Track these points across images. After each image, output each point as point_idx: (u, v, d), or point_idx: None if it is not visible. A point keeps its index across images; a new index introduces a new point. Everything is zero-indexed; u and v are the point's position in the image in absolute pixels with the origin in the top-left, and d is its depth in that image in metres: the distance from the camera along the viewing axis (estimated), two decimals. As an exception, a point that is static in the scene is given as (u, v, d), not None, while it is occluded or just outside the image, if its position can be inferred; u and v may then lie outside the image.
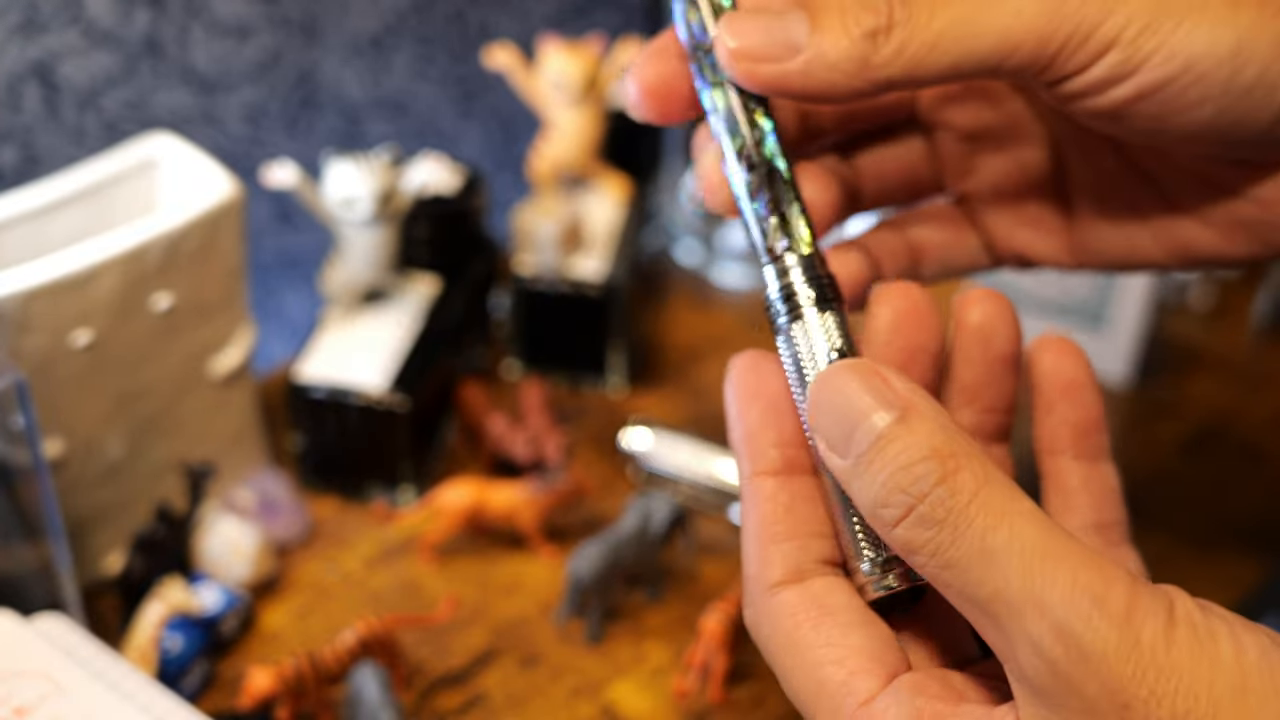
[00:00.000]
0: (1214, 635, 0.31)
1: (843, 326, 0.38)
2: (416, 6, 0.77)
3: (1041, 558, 0.31)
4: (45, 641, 0.47)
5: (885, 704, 0.34)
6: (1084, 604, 0.31)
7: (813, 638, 0.36)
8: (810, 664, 0.36)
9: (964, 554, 0.32)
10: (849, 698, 0.35)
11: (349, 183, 0.61)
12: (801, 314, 0.38)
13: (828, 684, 0.35)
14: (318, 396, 0.63)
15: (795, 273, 0.39)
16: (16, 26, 0.62)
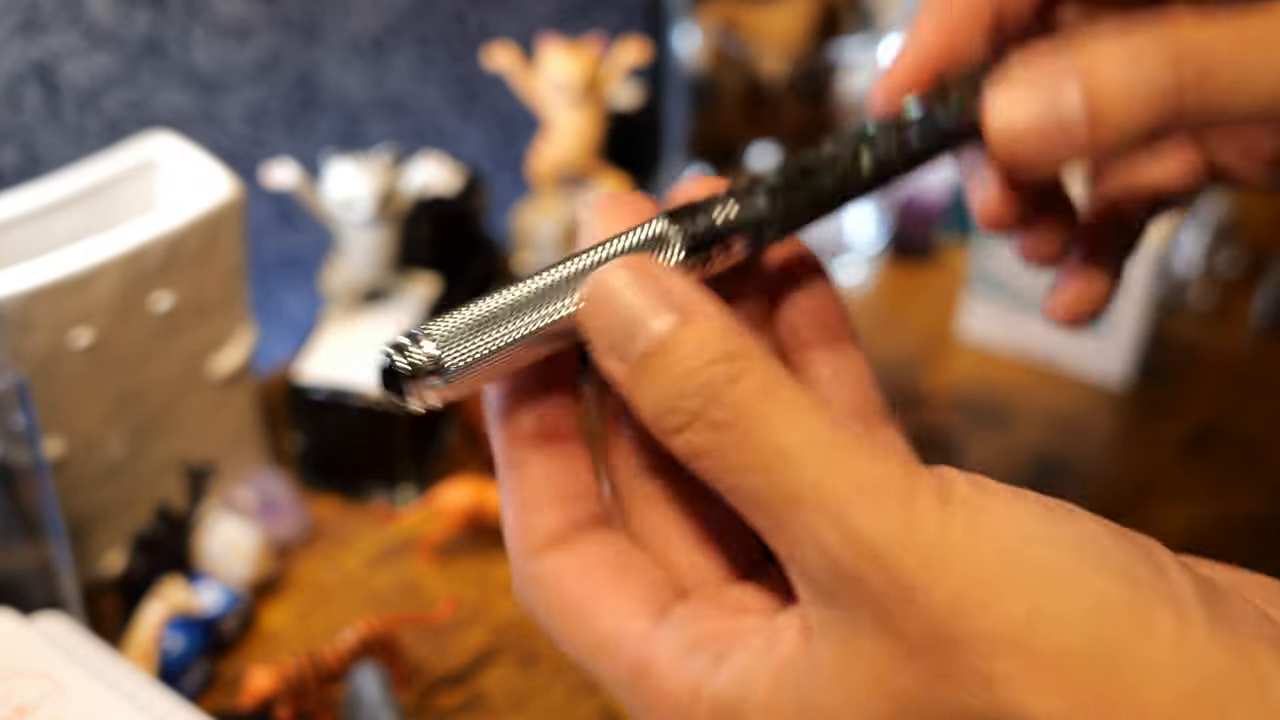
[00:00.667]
0: (987, 511, 0.30)
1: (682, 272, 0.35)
2: (417, 6, 0.77)
3: (824, 453, 0.31)
4: (46, 641, 0.47)
5: (661, 638, 0.33)
6: (864, 496, 0.30)
7: (580, 594, 0.35)
8: (582, 622, 0.35)
9: (752, 456, 0.31)
10: (624, 643, 0.34)
11: (349, 183, 0.62)
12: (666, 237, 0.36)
13: (603, 636, 0.34)
14: (318, 397, 0.63)
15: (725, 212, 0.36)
16: (17, 27, 0.62)
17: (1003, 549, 0.30)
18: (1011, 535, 0.30)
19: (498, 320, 0.35)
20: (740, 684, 0.32)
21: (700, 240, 0.36)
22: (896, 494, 0.31)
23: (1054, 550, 0.30)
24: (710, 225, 0.36)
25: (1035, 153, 0.37)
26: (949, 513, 0.31)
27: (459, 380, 0.34)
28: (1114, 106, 0.36)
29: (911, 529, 0.30)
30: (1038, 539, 0.30)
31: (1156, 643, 0.29)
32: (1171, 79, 0.36)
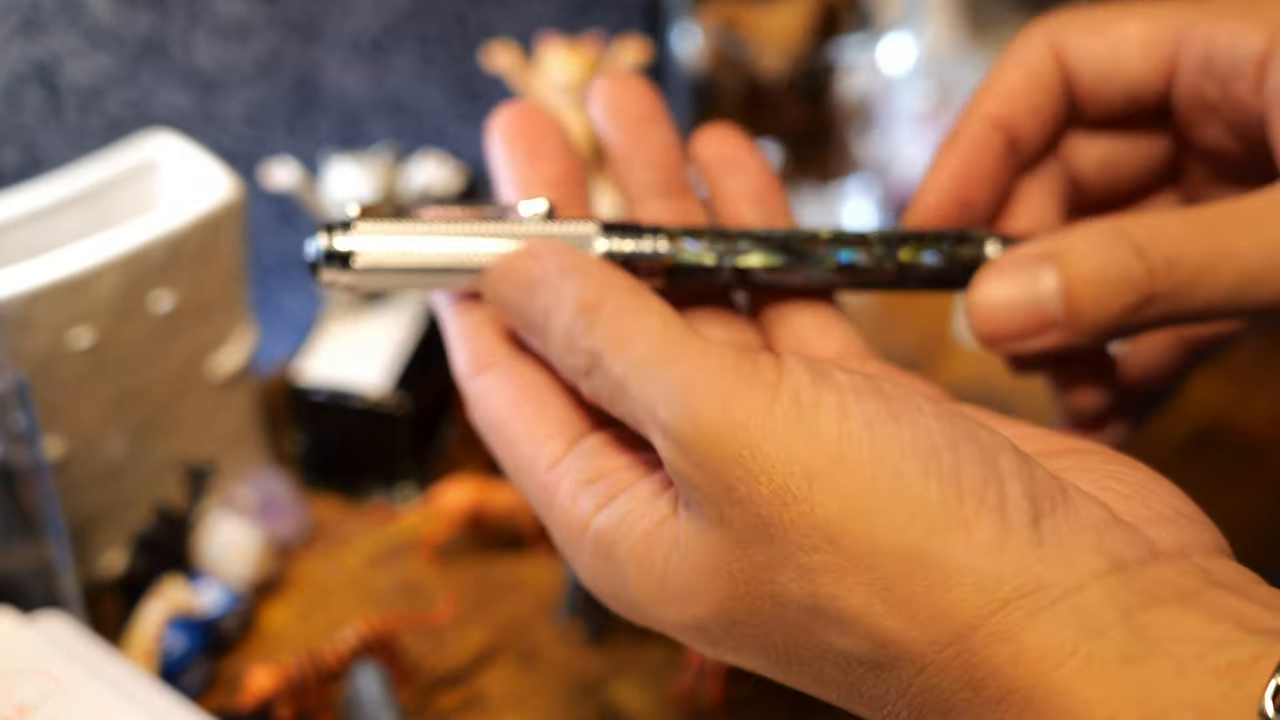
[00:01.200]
0: (818, 406, 0.32)
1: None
2: (417, 6, 0.77)
3: (649, 367, 0.33)
4: (46, 640, 0.47)
5: (566, 465, 0.37)
6: (683, 397, 0.32)
7: (506, 415, 0.38)
8: (508, 440, 0.38)
9: (609, 389, 0.34)
10: (537, 464, 0.37)
11: (349, 182, 0.62)
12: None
13: (522, 456, 0.38)
14: (318, 397, 0.63)
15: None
16: (17, 27, 0.62)
17: (824, 446, 0.31)
18: (837, 432, 0.31)
19: (418, 254, 0.39)
20: (618, 526, 0.35)
21: (621, 259, 0.39)
22: (716, 392, 0.32)
23: (879, 449, 0.31)
24: (632, 253, 0.39)
25: (1012, 333, 0.39)
26: (771, 408, 0.32)
27: (361, 280, 0.39)
28: (1087, 292, 0.38)
29: (729, 426, 0.32)
30: (864, 437, 0.31)
31: (972, 549, 0.30)
32: (1140, 267, 0.37)
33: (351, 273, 0.39)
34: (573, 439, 0.37)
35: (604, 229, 0.40)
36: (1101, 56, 0.42)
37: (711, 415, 0.32)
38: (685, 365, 0.33)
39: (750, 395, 0.32)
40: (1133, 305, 0.37)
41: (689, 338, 0.34)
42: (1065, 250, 0.38)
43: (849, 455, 0.31)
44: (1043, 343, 0.39)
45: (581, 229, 0.40)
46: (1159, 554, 0.30)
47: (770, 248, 0.40)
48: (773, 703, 0.57)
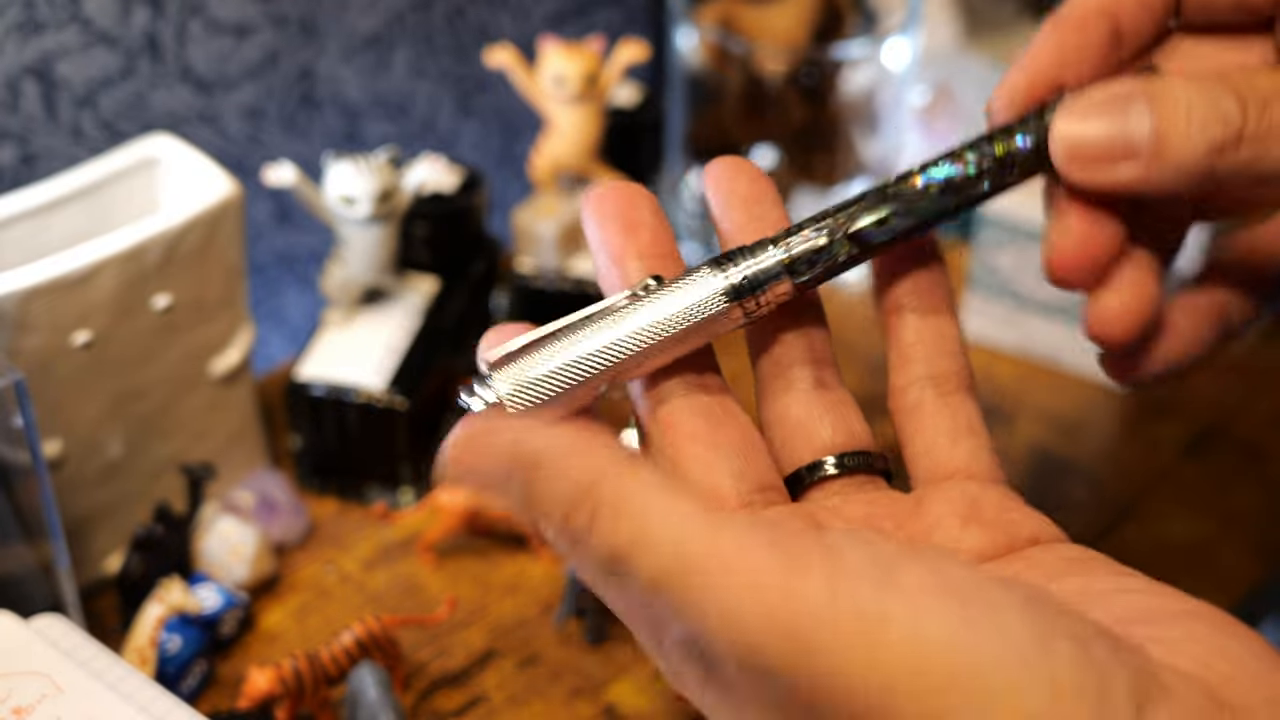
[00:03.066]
0: (886, 620, 0.29)
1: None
2: (416, 6, 0.77)
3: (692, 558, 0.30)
4: (44, 642, 0.47)
5: None
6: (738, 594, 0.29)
7: None
8: None
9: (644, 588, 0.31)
10: None
11: (349, 182, 0.61)
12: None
13: None
14: (317, 394, 0.63)
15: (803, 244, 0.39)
16: (15, 25, 0.62)
17: (901, 661, 0.29)
18: (912, 648, 0.29)
19: (561, 375, 0.39)
20: None
21: (747, 284, 0.38)
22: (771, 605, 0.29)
23: (961, 663, 0.29)
24: (755, 274, 0.38)
25: (1093, 154, 0.37)
26: (834, 595, 0.29)
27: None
28: (1178, 130, 0.36)
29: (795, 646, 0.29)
30: (942, 654, 0.29)
31: None
32: (1234, 104, 0.36)
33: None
34: None
35: (714, 264, 0.39)
36: None
37: (773, 636, 0.29)
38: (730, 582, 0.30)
39: (805, 578, 0.29)
40: (1220, 143, 0.36)
41: (713, 526, 0.31)
42: (1159, 84, 0.37)
43: (931, 668, 0.29)
44: (1124, 174, 0.37)
45: (697, 277, 0.39)
46: None
47: (872, 203, 0.39)
48: (773, 704, 0.57)
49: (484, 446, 0.33)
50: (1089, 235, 0.38)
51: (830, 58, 0.78)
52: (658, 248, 0.40)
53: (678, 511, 0.31)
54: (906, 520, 0.39)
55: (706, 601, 0.30)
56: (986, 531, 0.38)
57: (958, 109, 0.84)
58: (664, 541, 0.30)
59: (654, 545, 0.31)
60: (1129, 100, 0.37)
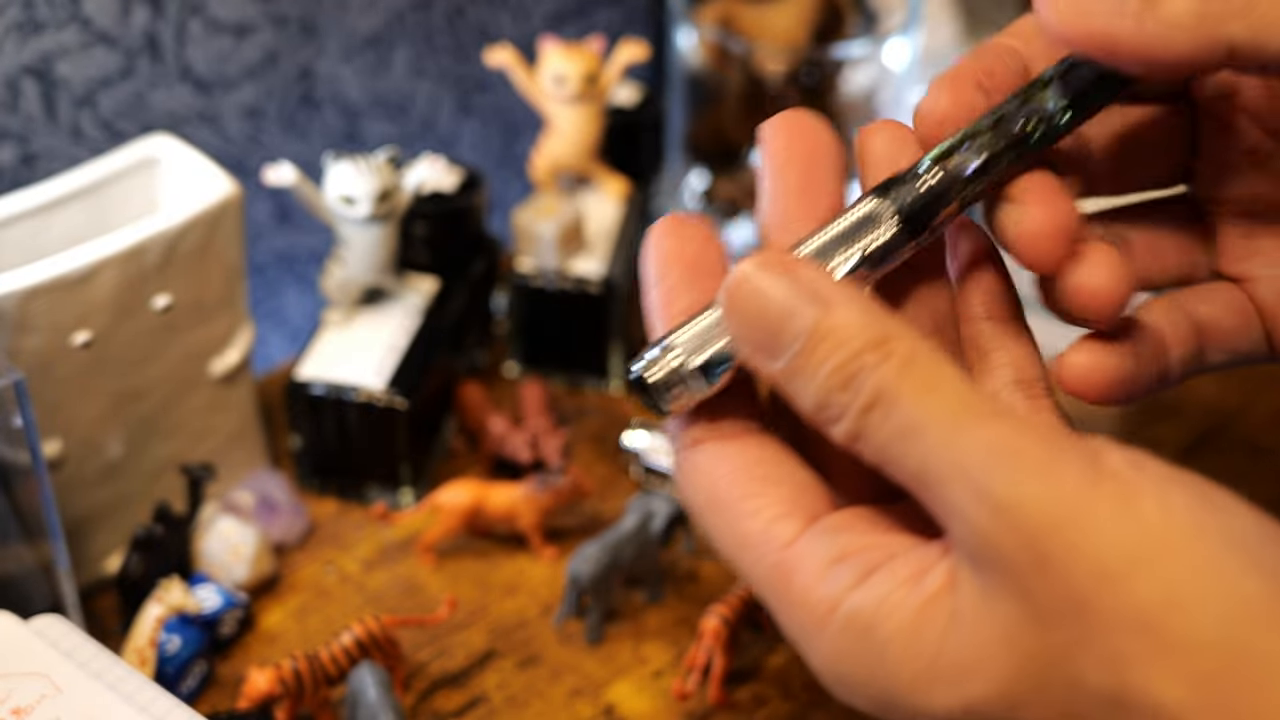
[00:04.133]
0: (1141, 490, 0.30)
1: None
2: (416, 6, 0.77)
3: (960, 423, 0.31)
4: (44, 642, 0.47)
5: (807, 546, 0.34)
6: (1001, 461, 0.31)
7: (731, 491, 0.35)
8: (731, 519, 0.35)
9: (893, 431, 0.32)
10: (769, 544, 0.35)
11: (349, 182, 0.61)
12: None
13: (749, 536, 0.35)
14: (317, 394, 0.63)
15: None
16: (14, 25, 0.62)
17: (1148, 530, 0.30)
18: (1159, 518, 0.30)
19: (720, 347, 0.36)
20: (879, 608, 0.33)
21: (913, 210, 0.37)
22: (1036, 462, 0.30)
23: (1201, 539, 0.30)
24: (918, 194, 0.37)
25: (1086, 16, 0.36)
26: (1096, 486, 0.30)
27: (700, 385, 0.36)
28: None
29: (1052, 498, 0.30)
30: (1186, 525, 0.30)
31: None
32: None
33: (688, 379, 0.36)
34: (808, 518, 0.35)
35: (878, 191, 0.37)
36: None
37: (1036, 481, 0.30)
38: (1003, 427, 0.31)
39: (1075, 470, 0.31)
40: (1213, 26, 0.35)
41: (995, 400, 0.32)
42: None
43: (1172, 542, 0.30)
44: (1119, 21, 0.35)
45: (867, 206, 0.37)
46: None
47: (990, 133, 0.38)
48: (774, 703, 0.57)
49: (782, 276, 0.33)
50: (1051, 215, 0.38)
51: (830, 58, 0.78)
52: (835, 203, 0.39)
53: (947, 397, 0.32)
54: None
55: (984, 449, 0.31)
56: None
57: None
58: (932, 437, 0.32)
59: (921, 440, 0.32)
60: None
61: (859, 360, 0.32)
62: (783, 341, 0.33)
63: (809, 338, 0.33)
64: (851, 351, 0.32)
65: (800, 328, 0.33)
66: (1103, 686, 0.30)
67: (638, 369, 0.37)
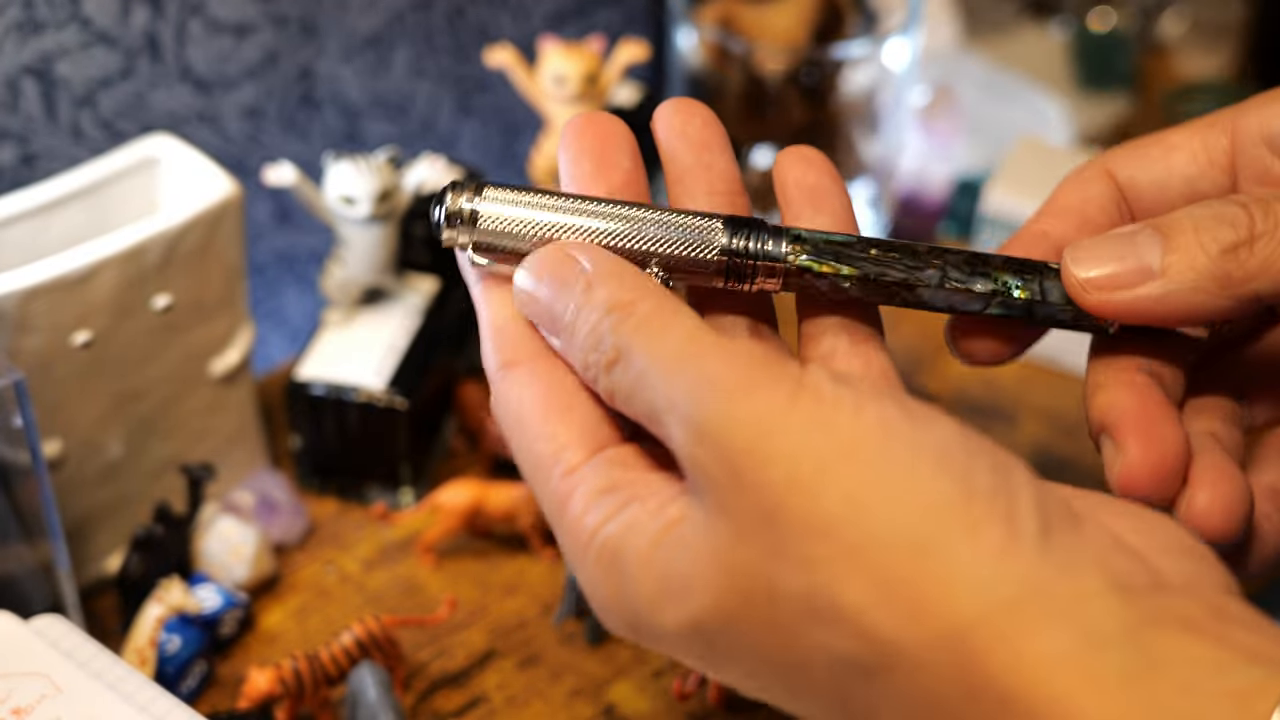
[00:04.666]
0: (836, 402, 0.32)
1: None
2: (416, 6, 0.77)
3: (676, 362, 0.34)
4: (44, 642, 0.47)
5: (583, 474, 0.36)
6: (704, 390, 0.33)
7: (533, 414, 0.38)
8: (529, 439, 0.38)
9: (631, 382, 0.35)
10: (555, 468, 0.37)
11: (348, 183, 0.61)
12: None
13: (542, 459, 0.37)
14: (317, 393, 0.63)
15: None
16: (14, 25, 0.62)
17: (838, 439, 0.31)
18: (850, 427, 0.31)
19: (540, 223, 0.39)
20: (626, 535, 0.35)
21: (736, 254, 0.39)
22: (735, 387, 0.32)
23: (892, 445, 0.31)
24: (752, 248, 0.39)
25: (1114, 290, 0.38)
26: (792, 402, 0.32)
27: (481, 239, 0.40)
28: (1187, 240, 0.37)
29: (748, 419, 0.32)
30: (877, 433, 0.31)
31: (978, 550, 0.30)
32: (1242, 215, 0.37)
33: (473, 233, 0.40)
34: (594, 449, 0.37)
35: (729, 222, 0.39)
36: (1156, 165, 0.42)
37: (731, 404, 0.32)
38: (712, 360, 0.33)
39: (772, 389, 0.32)
40: (1234, 243, 0.36)
41: (718, 338, 0.34)
42: (1162, 218, 0.38)
43: (861, 449, 0.31)
44: (1144, 292, 0.37)
45: (706, 220, 0.39)
46: (1165, 585, 0.30)
47: (894, 264, 0.39)
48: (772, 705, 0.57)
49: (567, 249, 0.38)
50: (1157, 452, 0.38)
51: (830, 58, 0.78)
52: (630, 189, 0.42)
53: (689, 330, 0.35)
54: None
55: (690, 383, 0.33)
56: None
57: (958, 109, 0.84)
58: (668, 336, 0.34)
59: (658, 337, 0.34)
60: (1135, 233, 0.38)
61: (604, 322, 0.35)
62: (558, 318, 0.37)
63: (574, 311, 0.36)
64: (599, 315, 0.36)
65: (566, 305, 0.37)
66: (796, 593, 0.31)
67: (449, 193, 0.40)
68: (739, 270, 0.39)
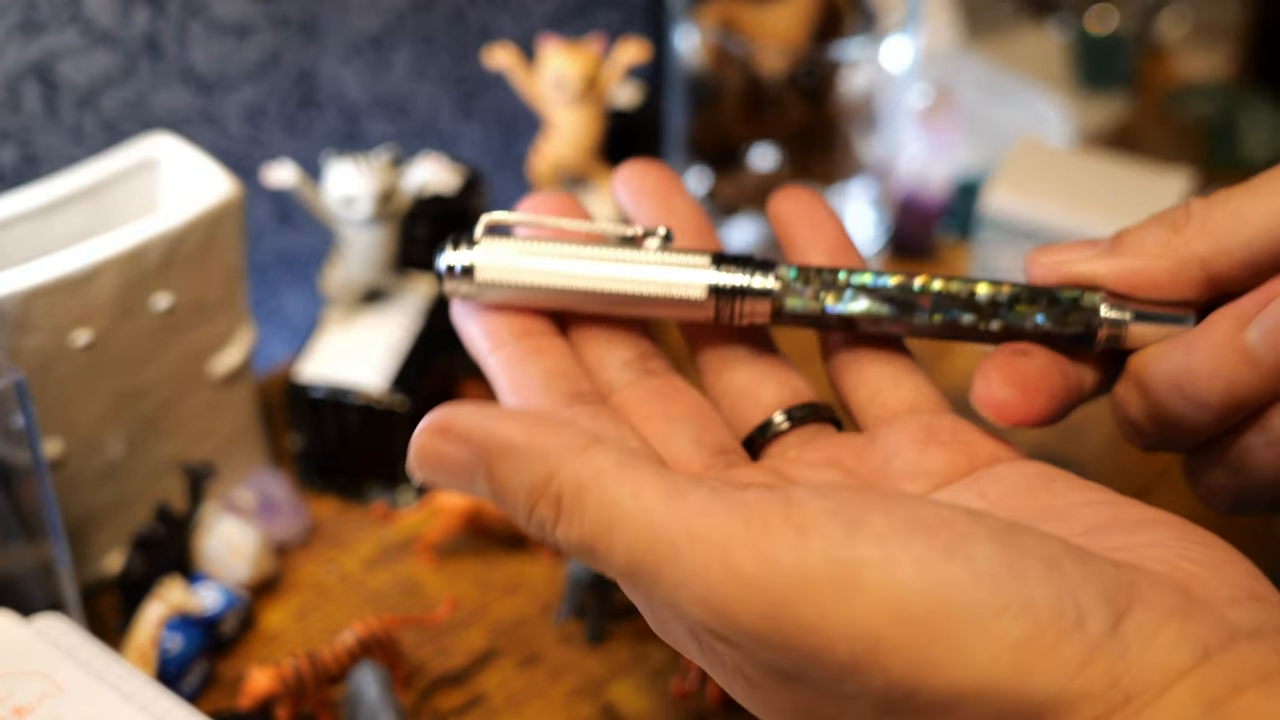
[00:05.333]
0: (862, 564, 0.29)
1: None
2: (416, 6, 0.77)
3: (659, 551, 0.31)
4: (44, 641, 0.47)
5: None
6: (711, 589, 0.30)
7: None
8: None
9: (614, 570, 0.32)
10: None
11: (349, 183, 0.61)
12: None
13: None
14: (317, 395, 0.63)
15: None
16: (15, 26, 0.62)
17: (880, 605, 0.30)
18: (886, 587, 0.29)
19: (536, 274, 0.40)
20: None
21: (726, 290, 0.40)
22: (745, 569, 0.30)
23: (940, 596, 0.30)
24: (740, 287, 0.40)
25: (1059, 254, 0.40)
26: (815, 575, 0.29)
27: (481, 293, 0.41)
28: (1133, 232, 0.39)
29: (772, 603, 0.30)
30: (920, 588, 0.29)
31: (1058, 673, 0.29)
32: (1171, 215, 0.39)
33: (472, 285, 0.41)
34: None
35: (715, 260, 0.40)
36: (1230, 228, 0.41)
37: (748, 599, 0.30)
38: (698, 552, 0.30)
39: (782, 558, 0.29)
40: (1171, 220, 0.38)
41: (676, 500, 0.31)
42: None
43: (910, 610, 0.29)
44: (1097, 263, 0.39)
45: (694, 259, 0.40)
46: (1238, 635, 0.30)
47: (878, 298, 0.40)
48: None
49: (447, 439, 0.34)
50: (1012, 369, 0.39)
51: (830, 58, 0.78)
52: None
53: (639, 490, 0.31)
54: (865, 453, 0.40)
55: (681, 575, 0.30)
56: (945, 452, 0.38)
57: (958, 109, 0.84)
58: (630, 521, 0.31)
59: (621, 528, 0.31)
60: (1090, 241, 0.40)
61: (539, 515, 0.33)
62: (473, 487, 0.34)
63: (487, 483, 0.33)
64: (522, 497, 0.33)
65: (480, 477, 0.33)
66: None
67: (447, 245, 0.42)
68: (728, 307, 0.40)
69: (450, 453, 0.34)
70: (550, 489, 0.32)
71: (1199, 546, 0.33)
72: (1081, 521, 0.34)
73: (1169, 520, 0.34)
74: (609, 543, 0.31)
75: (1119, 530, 0.33)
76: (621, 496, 0.31)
